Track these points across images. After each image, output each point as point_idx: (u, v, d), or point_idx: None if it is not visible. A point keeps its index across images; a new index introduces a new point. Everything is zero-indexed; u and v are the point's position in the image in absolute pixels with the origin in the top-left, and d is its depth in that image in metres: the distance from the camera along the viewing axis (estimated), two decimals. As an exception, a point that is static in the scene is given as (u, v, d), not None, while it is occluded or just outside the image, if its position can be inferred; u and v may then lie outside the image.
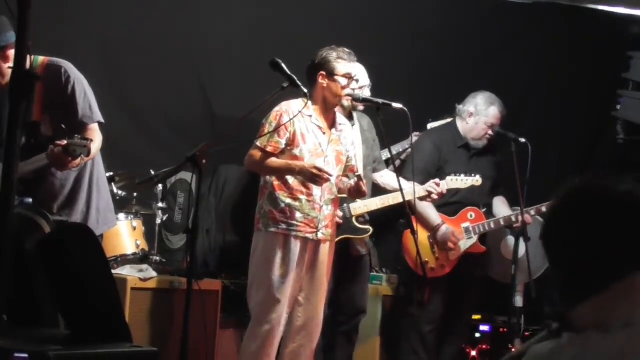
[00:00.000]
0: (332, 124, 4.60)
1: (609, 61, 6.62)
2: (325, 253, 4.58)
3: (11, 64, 3.97)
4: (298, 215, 4.44)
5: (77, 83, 4.18)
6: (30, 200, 4.06)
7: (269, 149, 4.42)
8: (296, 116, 4.38)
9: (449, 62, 6.68)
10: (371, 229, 5.07)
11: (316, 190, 4.47)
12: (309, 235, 4.48)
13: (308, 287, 4.56)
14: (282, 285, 4.43)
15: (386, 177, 5.30)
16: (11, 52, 4.03)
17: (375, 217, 5.20)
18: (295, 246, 4.45)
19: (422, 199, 5.08)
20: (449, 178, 5.19)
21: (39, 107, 4.11)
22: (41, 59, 4.14)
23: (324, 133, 4.54)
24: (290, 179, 4.47)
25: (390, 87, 5.17)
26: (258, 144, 4.43)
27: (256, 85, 5.52)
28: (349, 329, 5.19)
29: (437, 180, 5.08)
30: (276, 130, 4.39)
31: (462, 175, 5.23)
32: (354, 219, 5.01)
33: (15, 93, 2.38)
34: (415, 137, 5.48)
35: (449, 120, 5.71)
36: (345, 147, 4.65)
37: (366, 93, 4.93)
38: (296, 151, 4.44)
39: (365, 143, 5.15)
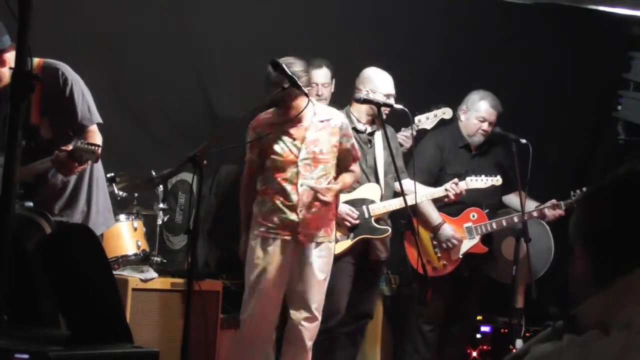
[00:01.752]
0: (306, 127, 4.57)
1: (610, 62, 6.61)
2: (311, 254, 4.56)
3: (7, 67, 3.98)
4: (275, 218, 4.49)
5: (75, 84, 4.15)
6: (31, 204, 4.05)
7: (248, 169, 4.62)
8: (264, 128, 4.48)
9: (449, 63, 6.68)
10: (390, 230, 5.08)
11: (293, 195, 4.49)
12: (287, 238, 4.51)
13: (296, 288, 4.57)
14: (258, 286, 4.49)
15: (406, 184, 5.28)
16: (7, 56, 4.02)
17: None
18: (274, 248, 4.50)
19: (440, 199, 5.11)
20: (468, 179, 5.25)
21: (37, 109, 4.09)
22: (36, 60, 4.08)
23: (295, 139, 4.54)
24: (271, 184, 4.51)
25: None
26: (246, 163, 4.63)
27: (257, 85, 5.52)
28: (352, 331, 5.19)
29: (456, 180, 5.12)
30: (250, 145, 4.53)
31: (482, 176, 5.28)
32: (372, 219, 5.02)
33: (15, 94, 2.38)
34: (404, 132, 5.49)
35: (435, 111, 5.69)
36: (329, 143, 4.58)
37: (390, 102, 4.94)
38: (268, 162, 4.51)
39: (386, 150, 5.15)
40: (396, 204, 5.08)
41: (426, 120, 5.68)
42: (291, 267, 4.54)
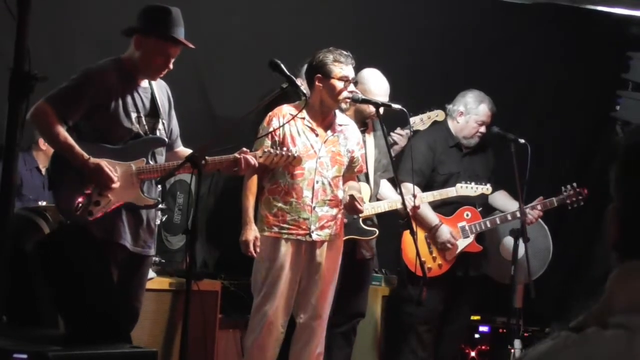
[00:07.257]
0: (329, 126, 4.60)
1: (608, 62, 6.61)
2: (324, 254, 4.58)
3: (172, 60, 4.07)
4: (288, 217, 4.49)
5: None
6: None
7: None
8: (289, 121, 4.42)
9: (447, 63, 6.67)
10: (377, 232, 5.08)
11: (306, 192, 4.50)
12: (301, 237, 4.51)
13: (306, 288, 4.59)
14: (271, 288, 4.49)
15: (382, 186, 5.30)
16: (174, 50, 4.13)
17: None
18: (287, 249, 4.50)
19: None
20: (458, 185, 5.26)
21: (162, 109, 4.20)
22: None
23: (317, 135, 4.54)
24: (282, 182, 4.50)
25: (389, 88, 5.17)
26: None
27: (256, 85, 5.52)
28: (347, 330, 5.19)
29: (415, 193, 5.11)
30: (267, 134, 4.45)
31: (473, 183, 5.26)
32: (360, 220, 5.02)
33: (14, 93, 2.38)
34: (397, 134, 5.47)
35: (428, 113, 5.67)
36: (347, 147, 4.64)
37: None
38: None
39: (378, 148, 5.15)
40: (385, 206, 5.09)
41: (420, 122, 5.67)
42: (303, 267, 4.56)
